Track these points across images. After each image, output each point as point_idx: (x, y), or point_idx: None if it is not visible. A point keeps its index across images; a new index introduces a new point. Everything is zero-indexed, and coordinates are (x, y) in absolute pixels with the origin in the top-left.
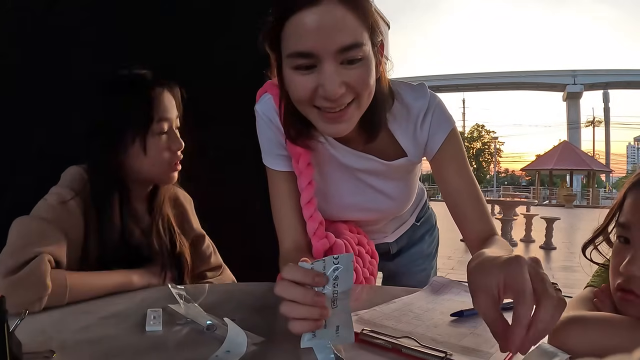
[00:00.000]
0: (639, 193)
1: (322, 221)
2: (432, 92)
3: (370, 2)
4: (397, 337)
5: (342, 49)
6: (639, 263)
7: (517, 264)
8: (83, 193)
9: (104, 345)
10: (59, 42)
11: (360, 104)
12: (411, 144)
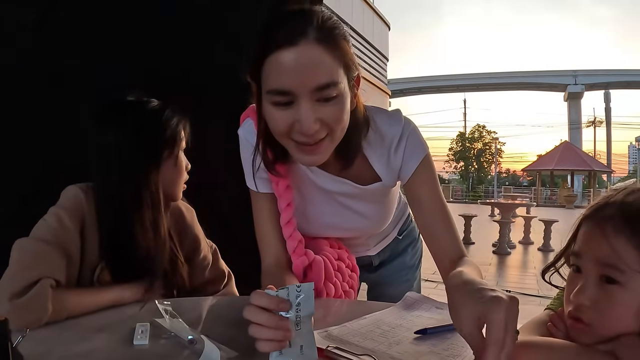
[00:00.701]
0: (591, 225)
1: (301, 239)
2: (407, 119)
3: (348, 39)
4: (359, 354)
5: (318, 88)
6: (587, 292)
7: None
8: (80, 213)
9: (95, 357)
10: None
11: (333, 138)
12: (385, 170)
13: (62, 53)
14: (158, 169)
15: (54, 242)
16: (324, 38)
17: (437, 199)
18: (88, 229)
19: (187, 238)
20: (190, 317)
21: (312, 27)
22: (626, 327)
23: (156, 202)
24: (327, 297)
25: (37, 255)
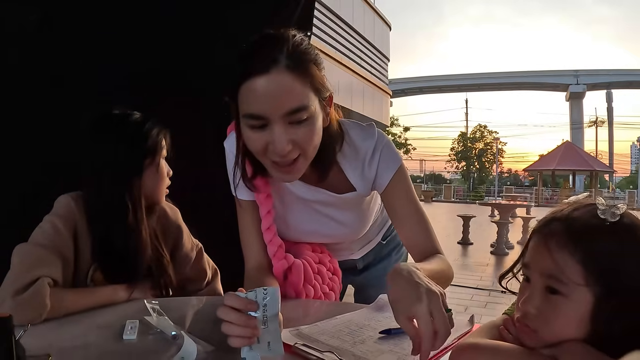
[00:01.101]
0: (538, 238)
1: (281, 244)
2: (380, 132)
3: (318, 63)
4: (323, 350)
5: (289, 112)
6: (533, 301)
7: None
8: (72, 219)
9: (88, 350)
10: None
11: (306, 157)
12: (360, 180)
13: (62, 54)
14: (140, 176)
15: (50, 247)
16: (294, 65)
17: (412, 206)
18: (80, 233)
19: (170, 235)
20: (176, 315)
21: (282, 54)
22: (569, 334)
23: (138, 206)
24: (307, 298)
25: (36, 258)
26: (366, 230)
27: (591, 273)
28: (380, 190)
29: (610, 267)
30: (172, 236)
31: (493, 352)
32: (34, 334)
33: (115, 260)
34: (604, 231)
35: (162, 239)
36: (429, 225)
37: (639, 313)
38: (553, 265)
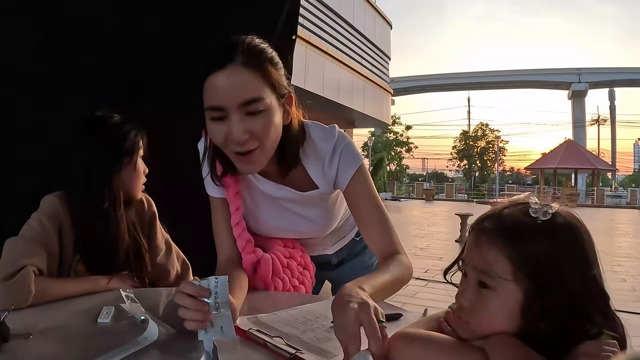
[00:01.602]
0: (472, 235)
1: (250, 239)
2: (341, 133)
3: (274, 63)
4: (273, 336)
5: (244, 103)
6: (466, 295)
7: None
8: (57, 216)
9: (67, 331)
10: None
11: (263, 149)
12: (321, 179)
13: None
14: (119, 174)
15: (36, 240)
16: (248, 61)
17: (372, 204)
18: (64, 230)
19: (145, 223)
20: (149, 303)
21: (237, 52)
22: (499, 327)
23: (118, 201)
24: (275, 290)
25: (23, 249)
26: (333, 226)
27: (519, 269)
28: (342, 189)
29: (538, 265)
30: (147, 224)
31: (425, 341)
32: (18, 317)
33: (97, 251)
34: (534, 229)
35: (139, 228)
36: (389, 224)
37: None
38: (483, 260)
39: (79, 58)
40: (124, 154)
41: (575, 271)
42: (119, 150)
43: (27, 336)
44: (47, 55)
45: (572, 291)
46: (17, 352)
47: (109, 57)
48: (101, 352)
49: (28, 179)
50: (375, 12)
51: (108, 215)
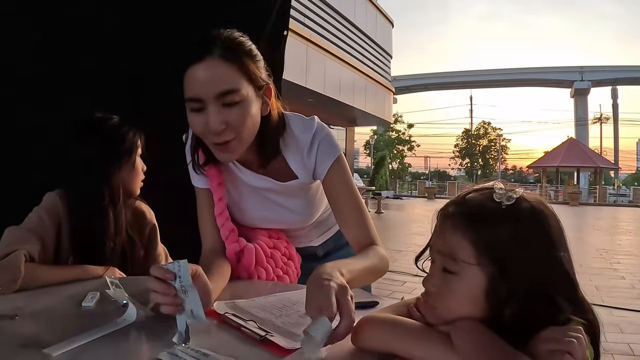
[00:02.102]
0: (438, 221)
1: (233, 229)
2: (321, 124)
3: (252, 56)
4: (246, 319)
5: (221, 94)
6: (432, 280)
7: (325, 293)
8: (56, 212)
9: (51, 313)
10: None
11: (240, 139)
12: (301, 169)
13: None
14: (118, 173)
15: (32, 230)
16: (225, 54)
17: (349, 194)
18: (63, 226)
19: (145, 232)
20: (134, 290)
21: (215, 45)
22: (464, 312)
23: (117, 197)
24: (259, 279)
25: (18, 236)
26: (315, 217)
27: (482, 254)
28: (321, 179)
29: (501, 250)
30: (148, 234)
31: (392, 325)
32: (6, 300)
33: (93, 247)
34: (497, 214)
35: (137, 232)
36: (366, 215)
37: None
38: (447, 245)
39: (79, 58)
40: (123, 153)
41: (539, 256)
42: (118, 150)
43: (13, 317)
44: (47, 55)
45: (536, 276)
46: (4, 332)
47: (109, 57)
48: (82, 332)
49: (30, 178)
50: (376, 10)
51: (106, 212)
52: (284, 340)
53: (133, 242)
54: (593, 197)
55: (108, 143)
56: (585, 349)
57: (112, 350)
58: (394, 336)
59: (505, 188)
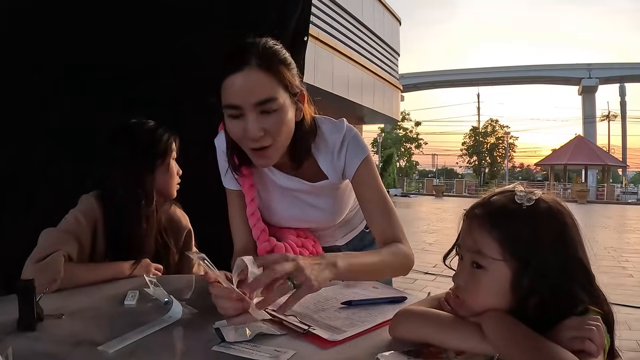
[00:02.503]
0: (466, 221)
1: (264, 228)
2: (349, 126)
3: (287, 64)
4: (288, 314)
5: (259, 103)
6: (461, 275)
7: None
8: (93, 214)
9: (95, 312)
10: None
11: (277, 146)
12: (330, 170)
13: None
14: (153, 175)
15: (70, 232)
16: (263, 64)
17: (377, 194)
18: (99, 227)
19: (180, 236)
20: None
21: (253, 55)
22: (491, 304)
23: (150, 198)
24: None
25: (56, 238)
26: (343, 216)
27: (506, 250)
28: (350, 178)
29: (523, 246)
30: (183, 238)
31: (427, 317)
32: (51, 300)
33: (127, 248)
34: (519, 214)
35: (173, 237)
36: (393, 213)
37: (549, 291)
38: (475, 243)
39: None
40: (157, 155)
41: (556, 251)
42: (152, 152)
43: (59, 316)
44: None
45: (555, 270)
46: (51, 330)
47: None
48: (129, 330)
49: (66, 180)
50: (384, 8)
51: (140, 214)
52: (326, 333)
53: (167, 246)
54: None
55: (142, 145)
56: (604, 336)
57: (166, 346)
58: (429, 327)
59: (525, 190)
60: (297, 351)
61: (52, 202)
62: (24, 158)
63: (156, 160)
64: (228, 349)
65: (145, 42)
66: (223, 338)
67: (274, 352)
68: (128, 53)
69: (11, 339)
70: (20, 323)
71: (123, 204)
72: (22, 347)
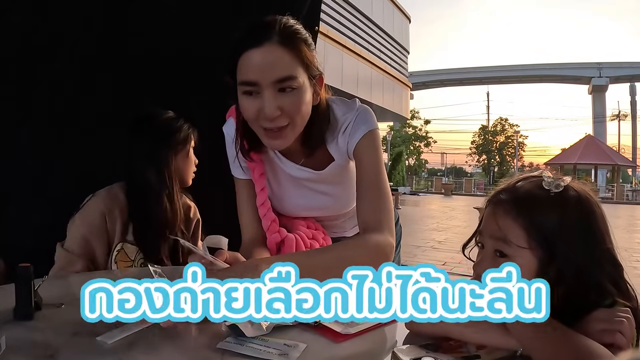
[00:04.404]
0: (489, 207)
1: (274, 219)
2: (362, 105)
3: (309, 44)
4: None
5: (278, 80)
6: (483, 264)
7: None
8: (112, 203)
9: None
10: None
11: (294, 126)
12: (336, 150)
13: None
14: (175, 160)
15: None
16: (284, 41)
17: (372, 172)
18: (115, 215)
19: (191, 226)
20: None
21: (274, 31)
22: None
23: (172, 181)
24: None
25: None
26: (353, 203)
27: (533, 238)
28: (351, 152)
29: (550, 234)
30: (193, 227)
31: None
32: (52, 287)
33: (150, 235)
34: (547, 200)
35: (185, 226)
36: (384, 198)
37: (576, 282)
38: (499, 229)
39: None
40: (179, 142)
41: (584, 240)
42: (175, 138)
43: (59, 305)
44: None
45: (583, 260)
46: (49, 320)
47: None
48: None
49: (92, 168)
50: (393, 5)
51: (163, 200)
52: (338, 326)
53: (181, 229)
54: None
55: (165, 132)
56: (633, 328)
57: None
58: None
59: (553, 176)
60: (307, 344)
61: (61, 192)
62: (35, 146)
63: (178, 144)
64: (234, 345)
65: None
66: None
67: (284, 346)
68: None
69: (7, 327)
70: (17, 311)
71: (147, 193)
72: (17, 336)
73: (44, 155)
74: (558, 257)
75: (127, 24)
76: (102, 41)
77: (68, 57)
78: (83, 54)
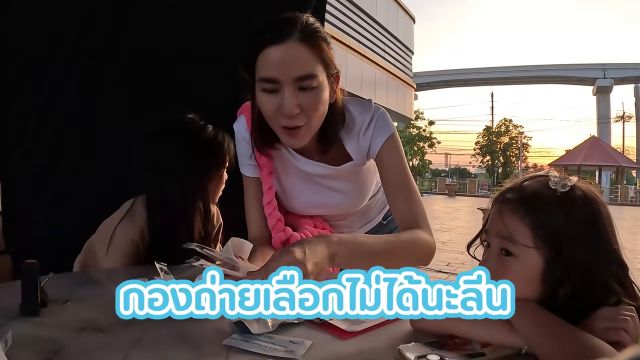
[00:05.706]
0: (495, 206)
1: (280, 218)
2: (377, 106)
3: (328, 42)
4: None
5: (299, 78)
6: (489, 263)
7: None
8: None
9: (103, 298)
10: None
11: (310, 125)
12: (355, 150)
13: None
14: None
15: None
16: (305, 38)
17: (400, 173)
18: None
19: (214, 232)
20: (183, 276)
21: (296, 29)
22: (520, 293)
23: (197, 209)
24: None
25: None
26: (366, 200)
27: (539, 237)
28: (374, 157)
29: (556, 234)
30: (215, 232)
31: None
32: (59, 284)
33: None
34: (553, 200)
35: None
36: (415, 196)
37: (582, 281)
38: (506, 228)
39: None
40: (216, 167)
41: (590, 240)
42: (212, 164)
43: (65, 302)
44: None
45: (589, 259)
46: (55, 316)
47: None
48: None
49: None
50: (398, 6)
51: (188, 220)
52: (344, 323)
53: None
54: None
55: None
56: (638, 327)
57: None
58: (454, 318)
59: (560, 176)
60: (313, 342)
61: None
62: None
63: (215, 171)
64: (240, 342)
65: None
66: (246, 331)
67: (290, 343)
68: None
69: (13, 323)
70: (23, 308)
71: (175, 213)
72: (23, 332)
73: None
74: (564, 256)
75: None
76: (102, 42)
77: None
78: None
